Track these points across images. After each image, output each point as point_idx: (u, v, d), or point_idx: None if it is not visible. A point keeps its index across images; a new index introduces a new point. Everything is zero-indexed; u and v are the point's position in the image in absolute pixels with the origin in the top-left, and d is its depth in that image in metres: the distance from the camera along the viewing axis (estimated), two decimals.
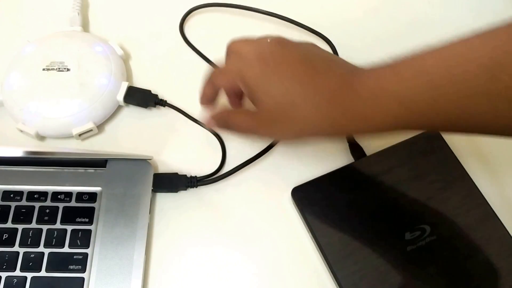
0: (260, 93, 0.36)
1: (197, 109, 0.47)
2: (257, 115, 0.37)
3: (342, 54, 0.51)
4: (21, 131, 0.44)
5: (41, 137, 0.46)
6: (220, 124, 0.40)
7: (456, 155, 0.44)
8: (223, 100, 0.43)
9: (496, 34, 0.29)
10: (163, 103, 0.47)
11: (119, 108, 0.48)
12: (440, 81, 0.30)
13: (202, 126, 0.47)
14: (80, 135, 0.45)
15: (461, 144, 0.46)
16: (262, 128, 0.37)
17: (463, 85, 0.29)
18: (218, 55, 0.51)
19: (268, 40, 0.38)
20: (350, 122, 0.34)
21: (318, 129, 0.35)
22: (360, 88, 0.33)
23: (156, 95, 0.47)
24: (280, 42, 0.38)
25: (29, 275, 0.38)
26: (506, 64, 0.28)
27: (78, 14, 0.51)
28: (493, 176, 0.45)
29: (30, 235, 0.39)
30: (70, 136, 0.45)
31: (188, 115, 0.47)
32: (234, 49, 0.39)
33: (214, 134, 0.46)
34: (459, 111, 0.30)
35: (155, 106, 0.48)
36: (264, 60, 0.36)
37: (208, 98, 0.41)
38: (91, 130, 0.45)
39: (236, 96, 0.42)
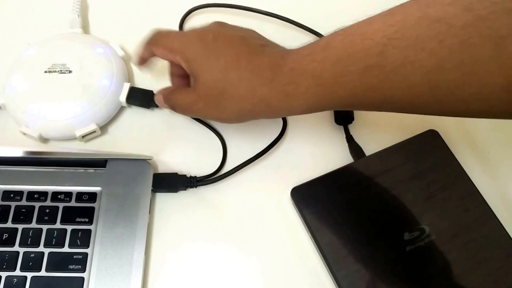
0: (199, 69, 0.38)
1: None
2: (196, 91, 0.39)
3: None
4: (24, 134, 0.45)
5: (44, 140, 0.46)
6: (165, 103, 0.42)
7: (455, 155, 0.44)
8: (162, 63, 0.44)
9: (394, 13, 0.32)
10: None
11: (121, 109, 0.48)
12: (342, 56, 0.33)
13: (204, 125, 0.47)
14: (83, 136, 0.45)
15: (460, 144, 0.46)
16: (202, 105, 0.39)
17: (359, 60, 0.32)
18: None
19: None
20: (281, 102, 0.36)
21: (255, 108, 0.37)
22: (286, 69, 0.35)
23: None
24: (221, 24, 0.40)
25: (29, 275, 0.38)
26: (395, 39, 0.31)
27: (78, 16, 0.52)
28: (492, 176, 0.45)
29: (30, 235, 0.39)
30: (73, 138, 0.45)
31: None
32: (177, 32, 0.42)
33: (215, 134, 0.47)
34: (361, 85, 0.33)
35: (157, 106, 0.48)
36: (205, 38, 0.38)
37: (143, 60, 0.43)
38: (94, 131, 0.45)
39: (180, 78, 0.44)
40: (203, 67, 0.37)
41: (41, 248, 0.39)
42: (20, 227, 0.40)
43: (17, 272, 0.38)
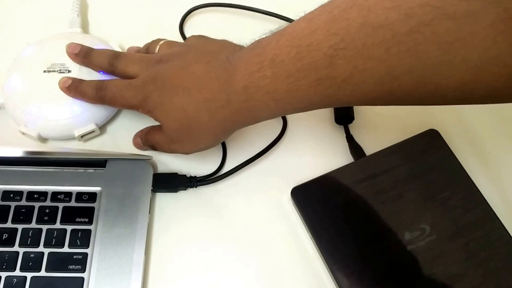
0: (160, 116, 0.38)
1: None
2: (166, 134, 0.39)
3: None
4: (23, 133, 0.44)
5: (43, 139, 0.46)
6: (144, 144, 0.44)
7: (455, 155, 0.44)
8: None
9: (336, 19, 0.31)
10: None
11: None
12: (292, 70, 0.32)
13: None
14: (82, 136, 0.45)
15: (460, 144, 0.46)
16: (177, 145, 0.40)
17: (310, 74, 0.32)
18: None
19: (148, 59, 0.41)
20: (246, 117, 0.36)
21: (227, 127, 0.38)
22: (239, 88, 0.35)
23: None
24: (159, 59, 0.40)
25: (29, 275, 0.38)
26: (341, 49, 0.30)
27: (78, 15, 0.51)
28: (492, 176, 0.45)
29: (30, 235, 0.39)
30: (72, 138, 0.45)
31: None
32: (123, 69, 0.41)
33: None
34: (316, 96, 0.33)
35: None
36: (155, 85, 0.38)
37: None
38: (93, 131, 0.45)
39: None
40: (163, 113, 0.38)
41: (41, 248, 0.39)
42: (20, 227, 0.40)
43: (17, 272, 0.38)
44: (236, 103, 0.35)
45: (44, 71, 0.45)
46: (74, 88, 0.43)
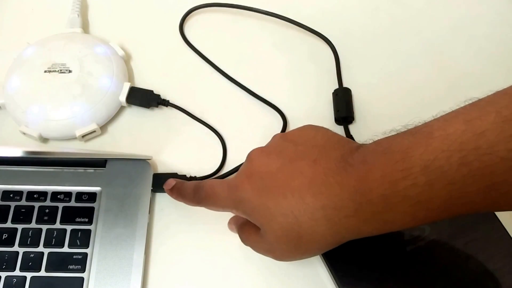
0: (262, 220, 0.33)
1: (198, 109, 0.47)
2: (266, 240, 0.34)
3: (342, 54, 0.51)
4: (24, 133, 0.45)
5: (44, 139, 0.46)
6: (236, 231, 0.39)
7: None
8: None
9: (508, 120, 0.27)
10: (165, 103, 0.47)
11: (121, 108, 0.48)
12: (456, 178, 0.28)
13: (204, 125, 0.47)
14: (83, 136, 0.45)
15: None
16: (279, 252, 0.34)
17: (481, 180, 0.27)
18: (217, 55, 0.51)
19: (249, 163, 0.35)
20: (375, 228, 0.31)
21: (343, 238, 0.32)
22: (374, 197, 0.29)
23: (159, 95, 0.48)
24: (266, 152, 0.35)
25: (29, 275, 0.38)
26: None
27: (78, 15, 0.52)
28: None
29: (30, 235, 0.39)
30: (73, 138, 0.45)
31: (191, 114, 0.47)
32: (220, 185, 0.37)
33: (215, 134, 0.46)
34: (483, 202, 0.28)
35: (157, 106, 0.48)
36: (253, 183, 0.33)
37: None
38: (94, 131, 0.45)
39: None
40: (264, 218, 0.32)
41: (40, 248, 0.39)
42: (19, 227, 0.40)
43: (17, 272, 0.38)
44: (369, 213, 0.30)
45: (45, 71, 0.45)
46: (176, 190, 0.40)
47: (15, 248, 0.39)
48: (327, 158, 0.32)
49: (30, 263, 0.38)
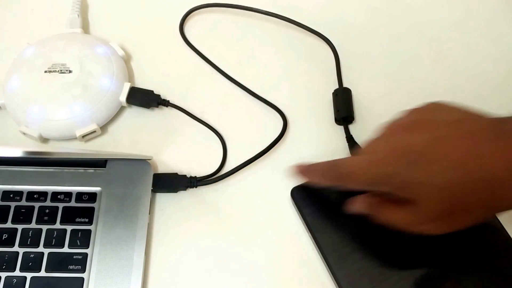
0: (415, 194, 0.32)
1: (198, 109, 0.47)
2: (417, 215, 0.33)
3: (342, 54, 0.51)
4: (24, 133, 0.45)
5: (44, 139, 0.46)
6: (370, 212, 0.37)
7: None
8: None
9: None
10: (165, 103, 0.47)
11: (121, 109, 0.48)
12: None
13: (204, 125, 0.47)
14: (83, 136, 0.45)
15: None
16: (428, 226, 0.34)
17: None
18: (217, 55, 0.51)
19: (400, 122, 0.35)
20: None
21: (501, 209, 0.33)
22: None
23: (159, 95, 0.48)
24: (415, 122, 0.34)
25: (29, 275, 0.38)
26: None
27: (78, 16, 0.52)
28: None
29: (30, 235, 0.39)
30: (73, 138, 0.45)
31: (191, 114, 0.47)
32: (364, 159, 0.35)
33: (215, 134, 0.46)
34: None
35: (157, 106, 0.48)
36: (407, 156, 0.32)
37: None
38: (95, 131, 0.45)
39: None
40: (423, 191, 0.32)
41: (40, 249, 0.39)
42: (19, 227, 0.40)
43: (17, 273, 0.38)
44: None
45: (45, 71, 0.45)
46: (310, 172, 0.39)
47: (15, 248, 0.39)
48: (474, 130, 0.32)
49: (30, 263, 0.38)
